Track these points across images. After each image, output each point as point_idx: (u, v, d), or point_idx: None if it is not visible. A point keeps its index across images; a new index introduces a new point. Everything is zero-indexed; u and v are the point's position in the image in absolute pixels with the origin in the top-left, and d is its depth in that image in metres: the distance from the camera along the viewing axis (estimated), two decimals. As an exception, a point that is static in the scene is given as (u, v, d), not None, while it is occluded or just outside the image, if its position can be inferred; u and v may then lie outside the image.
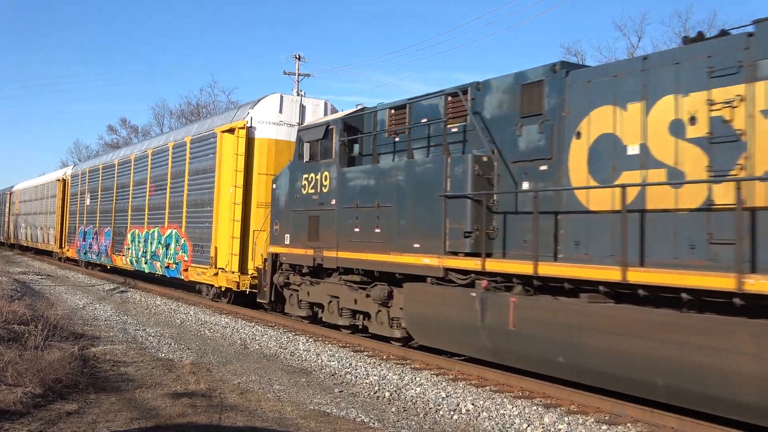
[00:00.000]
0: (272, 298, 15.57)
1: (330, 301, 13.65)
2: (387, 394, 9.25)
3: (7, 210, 52.63)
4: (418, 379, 10.00)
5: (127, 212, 25.61)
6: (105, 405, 7.65)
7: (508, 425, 7.84)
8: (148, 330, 14.17)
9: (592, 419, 8.01)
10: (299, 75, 39.45)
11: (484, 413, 8.27)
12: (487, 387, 9.59)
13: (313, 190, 13.75)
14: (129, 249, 24.76)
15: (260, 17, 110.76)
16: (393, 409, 8.43)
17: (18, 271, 29.09)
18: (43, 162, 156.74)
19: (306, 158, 14.23)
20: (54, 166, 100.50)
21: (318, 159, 13.76)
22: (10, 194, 51.53)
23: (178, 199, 20.65)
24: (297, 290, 14.69)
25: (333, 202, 13.05)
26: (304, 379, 9.95)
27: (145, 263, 23.09)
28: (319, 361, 11.38)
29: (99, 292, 22.10)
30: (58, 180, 37.05)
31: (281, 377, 9.96)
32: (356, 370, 10.64)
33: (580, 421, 7.92)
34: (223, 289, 18.14)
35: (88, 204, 30.96)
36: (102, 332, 13.49)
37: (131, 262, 24.67)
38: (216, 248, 17.71)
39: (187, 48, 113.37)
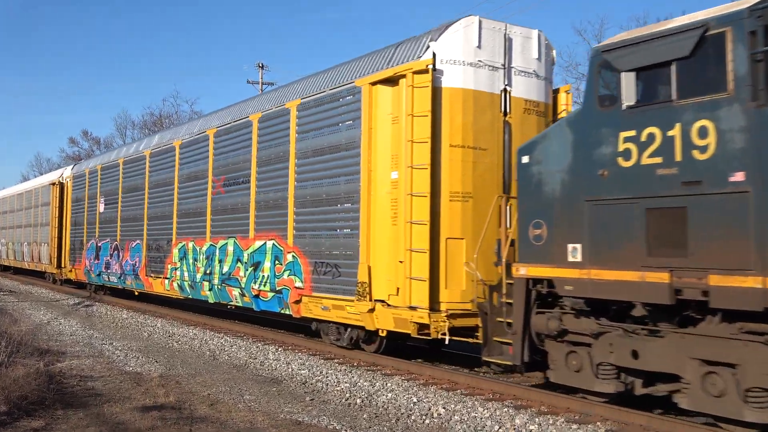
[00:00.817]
0: (526, 356, 9.16)
1: (708, 373, 7.24)
2: (359, 400, 9.24)
3: None
4: (389, 385, 9.99)
5: (170, 219, 18.88)
6: (72, 421, 7.54)
7: (479, 427, 7.88)
8: (115, 344, 13.98)
9: (563, 419, 8.08)
10: (263, 84, 39.36)
11: (455, 416, 8.30)
12: (458, 390, 9.62)
13: (658, 159, 7.60)
14: (176, 269, 18.17)
15: (221, 27, 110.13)
16: (365, 416, 8.42)
17: (-21, 288, 28.57)
18: (3, 176, 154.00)
19: (631, 100, 8.00)
20: (15, 179, 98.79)
21: (675, 98, 7.55)
22: None
23: (278, 195, 14.08)
24: (588, 346, 8.56)
25: (736, 176, 6.88)
26: (275, 389, 9.89)
27: (209, 289, 16.39)
28: (290, 369, 11.32)
29: (64, 307, 21.76)
30: (53, 184, 29.84)
31: (252, 387, 9.89)
32: (327, 377, 10.61)
33: (551, 421, 7.99)
34: (382, 332, 11.48)
35: (102, 211, 24.12)
36: (68, 347, 13.29)
37: (181, 287, 17.98)
38: (369, 268, 11.34)
39: (149, 58, 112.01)
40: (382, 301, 11.12)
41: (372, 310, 11.23)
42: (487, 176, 11.04)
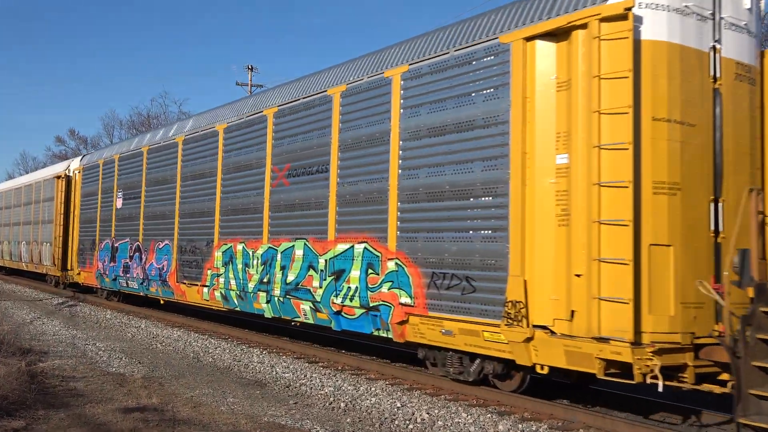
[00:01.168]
0: None
1: None
2: (342, 404, 9.21)
3: None
4: (373, 389, 9.98)
5: (210, 216, 15.67)
6: (54, 421, 7.48)
7: (463, 431, 7.89)
8: (98, 344, 13.89)
9: (546, 425, 8.10)
10: (252, 86, 39.34)
11: (439, 422, 8.30)
12: (442, 396, 9.62)
13: None
14: (220, 276, 14.94)
15: (210, 28, 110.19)
16: (348, 420, 8.40)
17: (-38, 286, 28.32)
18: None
19: None
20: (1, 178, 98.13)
21: None
22: None
23: (372, 186, 11.14)
24: None
25: None
26: (258, 392, 9.85)
27: (267, 301, 13.38)
28: (274, 373, 11.29)
29: (47, 307, 21.60)
30: (58, 177, 26.37)
31: (235, 390, 9.85)
32: (311, 381, 10.58)
33: (534, 428, 8.00)
34: (542, 369, 8.53)
35: (119, 207, 20.59)
36: (50, 347, 13.19)
37: (226, 297, 14.77)
38: (525, 283, 8.47)
39: (137, 57, 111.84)
40: (545, 328, 8.28)
41: (529, 339, 8.35)
42: (695, 162, 8.28)
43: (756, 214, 7.52)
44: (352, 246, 11.32)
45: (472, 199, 9.37)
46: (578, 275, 7.90)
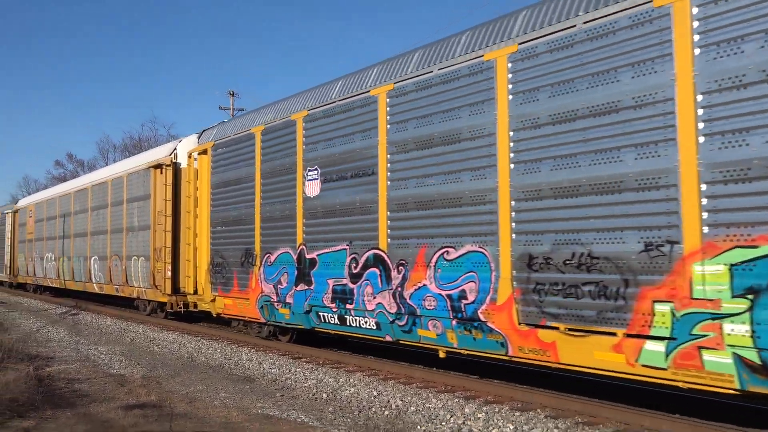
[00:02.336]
0: None
1: None
2: (324, 395, 9.22)
3: (9, 235, 33.69)
4: (351, 380, 9.99)
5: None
6: (61, 420, 7.40)
7: (433, 416, 7.93)
8: (99, 348, 13.74)
9: (507, 407, 8.18)
10: (233, 110, 39.22)
11: (412, 407, 8.34)
12: (414, 384, 9.66)
13: None
14: None
15: (194, 55, 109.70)
16: (330, 409, 8.41)
17: (-28, 300, 27.79)
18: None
19: None
20: (4, 200, 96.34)
21: None
22: (15, 213, 33.19)
23: None
24: None
25: None
26: (248, 386, 9.82)
27: None
28: (262, 369, 11.26)
29: (52, 316, 21.27)
30: (157, 167, 17.37)
31: (227, 385, 9.81)
32: (295, 375, 10.57)
33: (497, 409, 8.08)
34: None
35: (316, 193, 11.40)
36: (56, 353, 13.02)
37: None
38: None
39: (127, 85, 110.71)
40: None
41: None
42: None
43: None
44: None
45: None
46: None
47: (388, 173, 9.90)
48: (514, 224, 8.06)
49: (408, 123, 9.60)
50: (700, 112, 6.28)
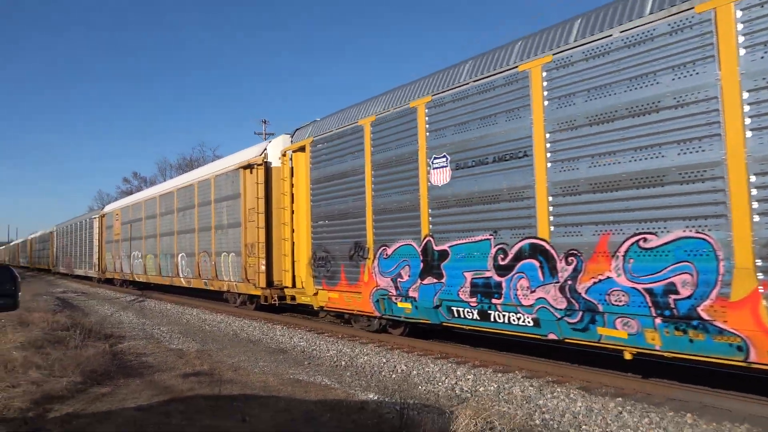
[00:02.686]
0: None
1: None
2: (343, 362, 9.23)
3: (97, 237, 31.70)
4: (365, 350, 10.01)
5: None
6: (132, 386, 7.44)
7: (431, 378, 7.93)
8: (161, 328, 13.78)
9: (491, 370, 8.18)
10: (265, 134, 39.39)
11: (414, 371, 8.35)
12: (415, 352, 9.67)
13: None
14: None
15: (235, 92, 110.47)
16: (348, 374, 8.42)
17: (59, 291, 27.86)
18: (74, 209, 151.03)
19: None
20: (82, 210, 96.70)
21: None
22: (102, 217, 31.30)
23: None
24: None
25: None
26: (281, 357, 9.84)
27: None
28: (293, 342, 11.27)
29: (122, 303, 21.35)
30: (247, 168, 15.16)
31: (264, 356, 9.84)
32: (320, 347, 10.58)
33: (483, 372, 8.08)
34: None
35: (445, 182, 8.88)
36: (126, 332, 13.07)
37: None
38: None
39: (181, 115, 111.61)
40: None
41: None
42: None
43: None
44: None
45: None
46: None
47: (548, 154, 7.38)
48: (756, 204, 5.53)
49: (575, 97, 7.07)
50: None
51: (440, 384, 7.64)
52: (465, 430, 4.76)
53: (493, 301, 7.99)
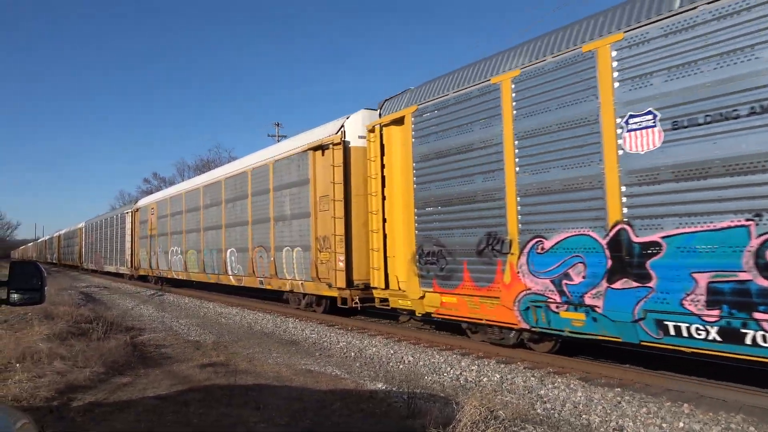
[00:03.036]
0: None
1: None
2: (353, 354, 9.22)
3: (129, 232, 29.17)
4: (373, 342, 9.98)
5: None
6: (151, 376, 7.46)
7: (437, 368, 7.90)
8: (180, 321, 13.82)
9: (494, 361, 8.13)
10: (278, 137, 39.44)
11: (420, 362, 8.32)
12: (422, 344, 9.63)
13: None
14: None
15: (248, 95, 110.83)
16: (357, 364, 8.41)
17: (83, 286, 28.02)
18: (97, 208, 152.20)
19: None
20: (103, 209, 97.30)
21: None
22: (136, 212, 28.48)
23: None
24: None
25: None
26: (294, 348, 9.84)
27: None
28: (304, 334, 11.27)
29: (143, 297, 21.45)
30: (319, 149, 12.38)
31: (277, 348, 9.84)
32: (330, 338, 10.57)
33: (486, 362, 8.04)
34: None
35: (659, 145, 6.05)
36: (146, 325, 13.12)
37: None
38: None
39: (198, 118, 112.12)
40: None
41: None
42: None
43: None
44: None
45: None
46: None
47: None
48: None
49: None
50: None
51: (446, 374, 7.61)
52: (470, 419, 4.73)
53: (755, 315, 5.33)
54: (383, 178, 10.45)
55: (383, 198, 10.42)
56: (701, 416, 5.50)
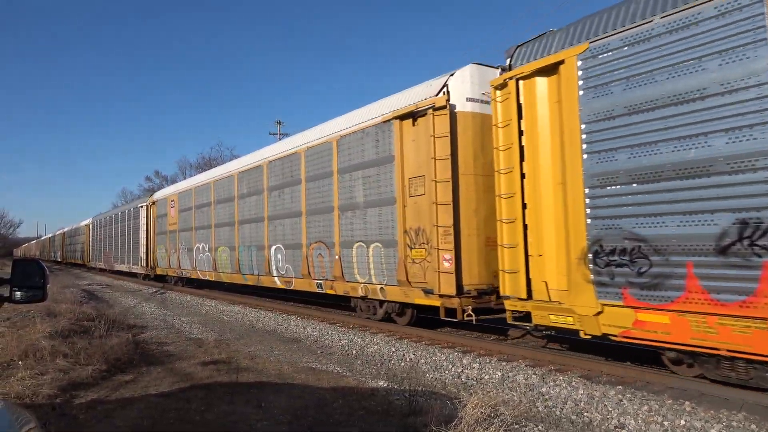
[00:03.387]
0: None
1: None
2: (354, 351, 9.22)
3: (144, 228, 26.41)
4: (375, 340, 9.98)
5: None
6: (153, 374, 7.48)
7: (439, 366, 7.90)
8: (182, 319, 13.83)
9: (496, 359, 8.13)
10: (280, 135, 39.40)
11: (422, 360, 8.32)
12: (423, 342, 9.63)
13: None
14: None
15: (251, 93, 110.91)
16: (359, 362, 8.41)
17: (84, 283, 28.05)
18: (97, 207, 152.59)
19: None
20: (106, 208, 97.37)
21: None
22: (152, 205, 25.61)
23: None
24: None
25: None
26: (295, 346, 9.85)
27: None
28: (306, 332, 11.27)
29: (145, 295, 21.46)
30: (408, 118, 9.72)
31: (279, 345, 9.84)
32: (332, 336, 10.57)
33: (487, 360, 8.03)
34: None
35: None
36: (148, 323, 13.13)
37: None
38: None
39: (200, 117, 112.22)
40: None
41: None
42: None
43: None
44: None
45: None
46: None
47: None
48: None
49: None
50: None
51: (447, 372, 7.61)
52: (471, 417, 4.73)
53: None
54: (521, 147, 7.81)
55: (522, 176, 7.81)
56: (703, 414, 5.49)
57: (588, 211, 6.85)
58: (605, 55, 6.73)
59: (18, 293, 2.76)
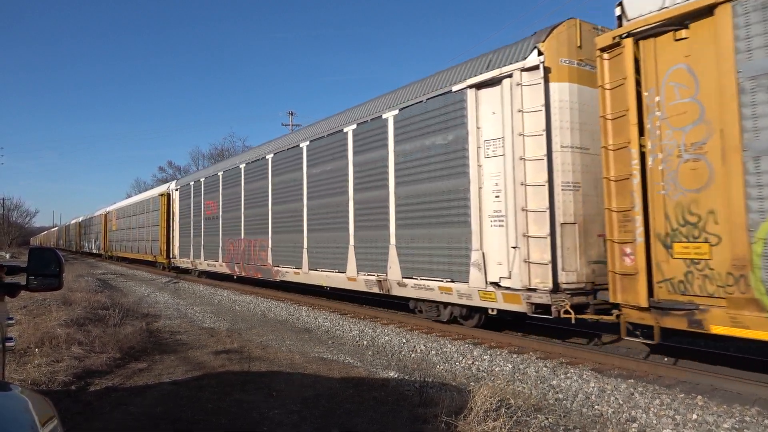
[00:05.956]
0: None
1: None
2: (365, 342, 9.25)
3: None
4: (386, 331, 10.01)
5: None
6: (167, 362, 7.55)
7: (449, 358, 7.91)
8: (195, 308, 13.95)
9: (506, 351, 8.12)
10: (292, 125, 39.45)
11: (432, 351, 8.33)
12: (434, 333, 9.64)
13: None
14: None
15: (265, 84, 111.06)
16: (370, 353, 8.44)
17: (99, 272, 28.36)
18: (112, 195, 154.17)
19: None
20: (121, 197, 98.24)
21: None
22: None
23: None
24: None
25: None
26: (307, 336, 9.90)
27: None
28: (317, 322, 11.33)
29: (158, 284, 21.66)
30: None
31: (291, 336, 9.90)
32: (343, 327, 10.61)
33: (498, 352, 8.03)
34: None
35: None
36: (162, 312, 13.26)
37: None
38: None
39: (213, 108, 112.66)
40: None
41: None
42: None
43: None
44: None
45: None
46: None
47: None
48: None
49: None
50: None
51: (458, 363, 7.61)
52: (482, 408, 4.73)
53: None
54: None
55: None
56: (715, 408, 5.45)
57: None
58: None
59: (34, 281, 2.80)
